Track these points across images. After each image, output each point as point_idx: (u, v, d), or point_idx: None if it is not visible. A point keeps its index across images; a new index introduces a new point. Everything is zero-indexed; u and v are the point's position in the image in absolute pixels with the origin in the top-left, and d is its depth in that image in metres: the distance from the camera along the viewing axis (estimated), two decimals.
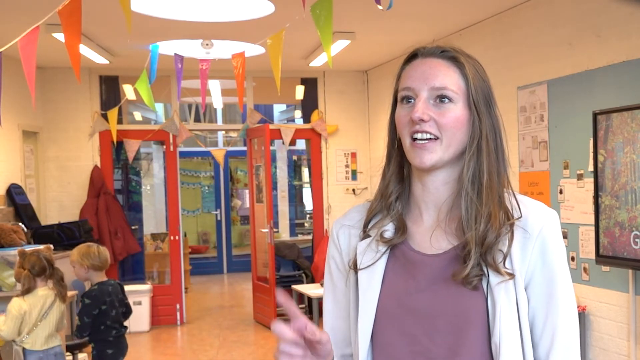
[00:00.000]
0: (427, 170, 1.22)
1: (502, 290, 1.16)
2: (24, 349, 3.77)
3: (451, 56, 1.22)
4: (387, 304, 1.22)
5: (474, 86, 1.21)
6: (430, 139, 1.19)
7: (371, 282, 1.24)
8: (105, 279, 3.93)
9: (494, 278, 1.16)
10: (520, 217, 1.19)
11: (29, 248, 4.31)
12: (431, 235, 1.23)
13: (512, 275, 1.16)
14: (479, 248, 1.16)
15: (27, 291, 3.76)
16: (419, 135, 1.19)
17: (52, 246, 4.51)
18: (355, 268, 1.26)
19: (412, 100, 1.21)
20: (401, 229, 1.25)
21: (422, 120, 1.18)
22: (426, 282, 1.21)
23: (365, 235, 1.28)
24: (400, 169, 1.28)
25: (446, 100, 1.19)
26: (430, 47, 1.24)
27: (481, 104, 1.22)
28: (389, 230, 1.26)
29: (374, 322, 1.23)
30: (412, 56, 1.25)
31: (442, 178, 1.24)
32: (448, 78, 1.20)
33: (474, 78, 1.22)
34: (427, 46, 1.25)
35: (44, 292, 3.82)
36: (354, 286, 1.27)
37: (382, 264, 1.25)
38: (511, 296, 1.16)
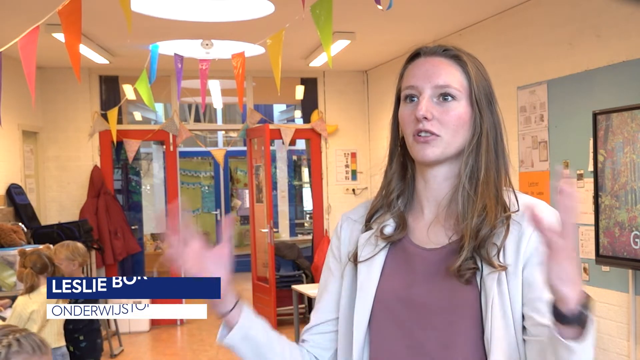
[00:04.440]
0: (429, 166, 1.24)
1: (495, 283, 1.15)
2: None
3: (453, 55, 1.24)
4: (384, 297, 1.23)
5: (476, 84, 1.22)
6: (432, 135, 1.21)
7: (370, 275, 1.25)
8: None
9: (486, 270, 1.16)
10: (518, 210, 1.20)
11: (29, 248, 4.31)
12: (428, 230, 1.25)
13: (504, 268, 1.16)
14: (473, 241, 1.17)
15: (30, 289, 3.75)
16: (422, 132, 1.21)
17: (51, 245, 4.52)
18: (355, 260, 1.28)
19: (416, 99, 1.22)
20: (401, 225, 1.27)
21: (425, 118, 1.19)
22: (423, 276, 1.22)
23: (367, 228, 1.30)
24: (402, 167, 1.30)
25: (449, 98, 1.21)
26: (432, 46, 1.26)
27: (483, 102, 1.23)
28: (389, 226, 1.27)
29: (370, 315, 1.23)
30: (415, 55, 1.27)
31: (444, 174, 1.25)
32: (451, 76, 1.21)
33: (476, 76, 1.23)
34: (429, 45, 1.26)
35: None
36: (352, 278, 1.28)
37: (381, 257, 1.26)
38: (504, 289, 1.16)
